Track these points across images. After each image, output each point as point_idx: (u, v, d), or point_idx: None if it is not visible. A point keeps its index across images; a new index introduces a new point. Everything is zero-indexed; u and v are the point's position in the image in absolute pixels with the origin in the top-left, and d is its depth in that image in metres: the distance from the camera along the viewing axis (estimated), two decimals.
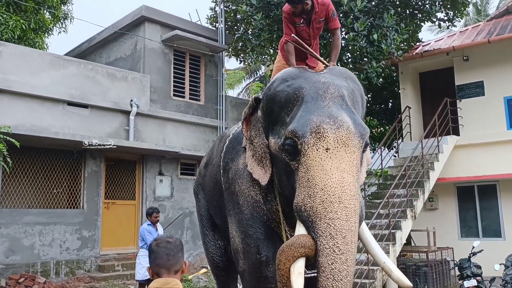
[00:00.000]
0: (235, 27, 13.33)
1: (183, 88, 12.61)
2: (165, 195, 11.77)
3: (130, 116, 11.06)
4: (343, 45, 9.90)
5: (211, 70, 13.27)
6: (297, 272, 2.70)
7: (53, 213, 9.95)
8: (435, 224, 10.77)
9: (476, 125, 11.16)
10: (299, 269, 2.71)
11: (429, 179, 10.17)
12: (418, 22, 11.92)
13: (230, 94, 21.05)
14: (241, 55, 13.86)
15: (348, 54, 10.72)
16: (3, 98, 9.28)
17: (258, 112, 3.37)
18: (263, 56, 12.92)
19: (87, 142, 9.40)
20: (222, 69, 13.48)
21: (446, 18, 12.01)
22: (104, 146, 9.68)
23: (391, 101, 14.88)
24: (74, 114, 10.28)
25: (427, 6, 11.30)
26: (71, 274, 9.72)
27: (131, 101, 11.08)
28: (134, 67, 11.99)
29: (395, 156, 12.46)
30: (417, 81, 12.98)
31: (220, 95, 13.17)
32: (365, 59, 10.55)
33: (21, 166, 9.83)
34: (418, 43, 12.54)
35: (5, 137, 8.04)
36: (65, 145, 9.94)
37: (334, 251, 2.63)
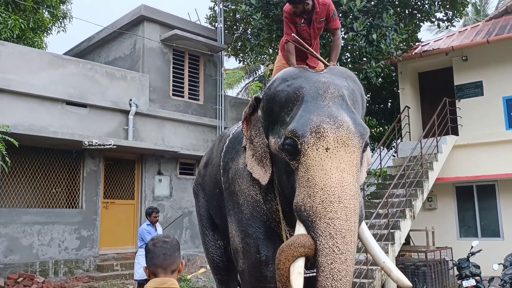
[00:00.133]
0: (234, 26, 13.32)
1: (182, 87, 12.61)
2: (164, 194, 11.76)
3: (129, 116, 11.06)
4: (342, 44, 9.90)
5: (210, 69, 13.26)
6: (297, 272, 2.69)
7: (51, 212, 9.94)
8: (434, 224, 10.78)
9: (475, 125, 11.18)
10: (298, 268, 2.70)
11: (428, 179, 10.18)
12: (417, 22, 11.92)
13: (229, 94, 21.06)
14: (240, 54, 13.86)
15: (347, 54, 10.72)
16: (1, 98, 9.27)
17: (258, 112, 3.37)
18: (262, 56, 12.92)
19: (87, 142, 9.38)
20: (221, 68, 13.47)
21: (445, 18, 12.02)
22: (104, 146, 9.67)
23: (390, 101, 14.89)
24: (73, 113, 10.27)
25: (426, 6, 11.30)
26: (69, 273, 9.71)
27: (130, 100, 11.07)
28: (133, 66, 11.97)
29: (394, 156, 12.48)
30: (416, 81, 12.99)
31: (219, 95, 13.17)
32: (364, 59, 10.56)
33: (20, 166, 9.82)
34: (417, 43, 12.55)
35: (3, 136, 8.02)
36: (64, 144, 9.92)
37: (333, 250, 2.63)
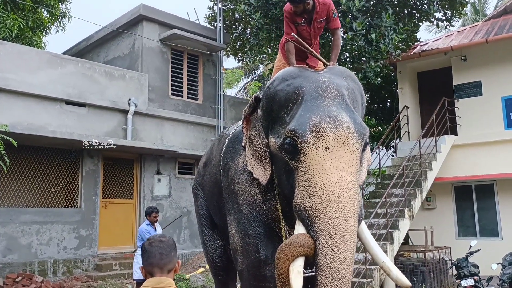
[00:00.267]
0: (234, 26, 13.31)
1: (181, 87, 12.60)
2: (163, 194, 11.76)
3: (128, 115, 11.05)
4: (341, 44, 9.89)
5: (209, 69, 13.26)
6: (296, 271, 2.69)
7: (50, 212, 9.93)
8: (433, 223, 10.80)
9: (474, 124, 11.18)
10: (298, 268, 2.70)
11: (427, 178, 10.18)
12: (416, 22, 11.92)
13: (228, 93, 21.01)
14: (239, 54, 13.85)
15: (346, 53, 10.72)
16: (0, 97, 9.25)
17: (258, 111, 3.37)
18: (261, 55, 12.89)
19: (87, 142, 9.37)
20: (220, 68, 13.46)
21: (444, 18, 12.02)
22: (104, 146, 9.66)
23: (389, 100, 14.90)
24: (72, 113, 10.26)
25: (425, 6, 11.30)
26: (68, 273, 9.71)
27: (129, 100, 11.06)
28: (132, 66, 11.96)
29: (393, 156, 12.48)
30: (415, 80, 13.00)
31: (218, 94, 13.16)
32: (363, 58, 10.56)
33: (19, 165, 9.81)
34: (416, 43, 12.55)
35: (2, 136, 8.00)
36: (63, 144, 9.91)
37: (333, 250, 2.63)
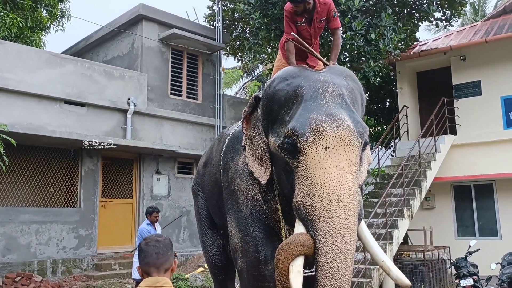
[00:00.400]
0: (233, 26, 13.31)
1: (181, 86, 12.60)
2: (162, 194, 11.75)
3: (127, 115, 11.04)
4: (341, 44, 9.88)
5: (209, 68, 13.25)
6: (296, 271, 2.69)
7: (49, 211, 9.93)
8: (432, 223, 10.79)
9: (473, 124, 11.19)
10: (297, 267, 2.70)
11: (426, 178, 10.18)
12: (416, 22, 11.93)
13: (228, 93, 21.01)
14: (239, 54, 13.85)
15: (346, 53, 10.72)
16: None
17: (258, 111, 3.37)
18: (260, 55, 12.89)
19: (87, 142, 9.36)
20: (219, 68, 13.47)
21: (443, 18, 12.03)
22: (104, 146, 9.65)
23: (388, 100, 14.89)
24: (71, 112, 10.26)
25: (424, 5, 11.31)
26: (67, 273, 9.70)
27: (128, 99, 11.06)
28: (131, 65, 11.96)
29: (392, 155, 12.48)
30: (415, 80, 13.00)
31: (217, 94, 13.16)
32: (362, 58, 10.56)
33: (18, 165, 9.80)
34: (415, 43, 12.55)
35: (1, 135, 7.99)
36: (62, 143, 9.91)
37: (333, 249, 2.63)
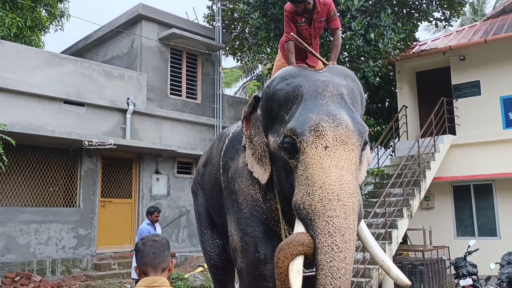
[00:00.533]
0: (232, 25, 13.30)
1: (180, 86, 12.60)
2: (161, 193, 11.75)
3: (126, 115, 11.04)
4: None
5: (208, 68, 13.25)
6: (296, 270, 2.69)
7: (49, 211, 9.92)
8: (431, 223, 10.80)
9: (473, 124, 11.20)
10: (297, 267, 2.71)
11: (426, 178, 10.19)
12: (415, 22, 11.93)
13: (227, 93, 21.02)
14: (238, 53, 13.84)
15: (345, 53, 10.72)
16: None
17: (258, 111, 3.37)
18: (260, 55, 12.90)
19: (87, 142, 9.36)
20: (219, 67, 13.47)
21: (442, 18, 12.04)
22: (104, 146, 9.65)
23: (387, 100, 14.90)
24: (71, 112, 10.25)
25: (424, 5, 11.31)
26: (67, 272, 9.70)
27: (128, 99, 11.06)
28: (130, 65, 11.95)
29: (391, 155, 12.48)
30: (414, 80, 13.00)
31: (217, 94, 13.16)
32: (362, 58, 10.56)
33: (17, 165, 9.79)
34: (415, 43, 12.56)
35: (1, 135, 7.99)
36: (62, 143, 9.91)
37: (332, 249, 2.63)
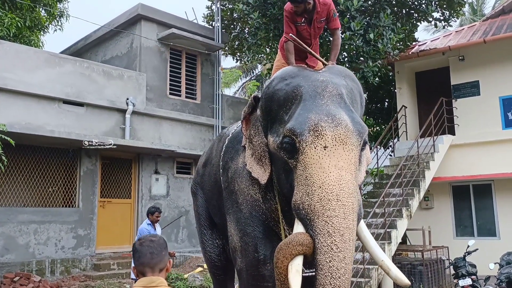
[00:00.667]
0: (232, 25, 13.31)
1: (179, 86, 12.59)
2: (161, 193, 11.75)
3: (126, 115, 11.03)
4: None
5: (208, 68, 13.25)
6: (295, 270, 2.70)
7: (48, 211, 9.91)
8: (431, 223, 10.80)
9: (472, 124, 11.20)
10: (296, 266, 2.71)
11: (425, 178, 10.19)
12: (414, 22, 11.93)
13: (227, 93, 21.03)
14: (238, 53, 13.85)
15: (345, 53, 10.72)
16: None
17: (257, 111, 3.37)
18: (259, 55, 12.90)
19: (87, 142, 9.35)
20: (218, 67, 13.46)
21: (442, 18, 12.04)
22: (104, 146, 9.64)
23: (387, 100, 14.90)
24: (70, 112, 10.25)
25: (423, 5, 11.31)
26: (66, 272, 9.69)
27: (127, 99, 11.05)
28: (130, 65, 11.95)
29: (391, 155, 12.50)
30: (413, 80, 13.01)
31: (216, 94, 13.16)
32: (361, 58, 10.57)
33: (16, 165, 9.78)
34: (414, 43, 12.56)
35: (0, 135, 7.98)
36: (61, 143, 9.90)
37: (332, 249, 2.64)
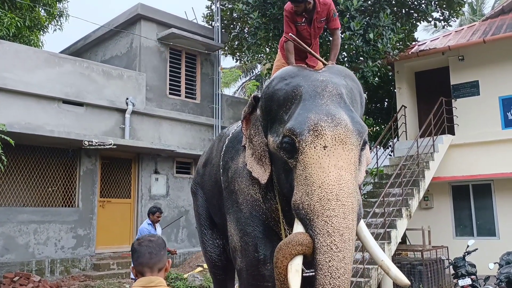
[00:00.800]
0: (231, 25, 13.31)
1: (179, 86, 12.59)
2: (160, 193, 11.74)
3: (125, 115, 11.03)
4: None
5: (207, 68, 13.25)
6: (294, 270, 2.71)
7: (48, 211, 9.91)
8: (430, 223, 10.81)
9: (471, 124, 11.20)
10: (296, 266, 2.72)
11: (424, 178, 10.20)
12: (414, 22, 11.94)
13: (226, 93, 21.01)
14: (237, 53, 13.85)
15: (344, 53, 10.73)
16: None
17: (257, 111, 3.37)
18: (259, 55, 12.91)
19: (87, 142, 9.34)
20: (218, 67, 13.46)
21: (441, 18, 12.05)
22: (104, 146, 9.64)
23: (386, 100, 14.90)
24: (70, 112, 10.24)
25: (423, 5, 11.32)
26: (66, 272, 9.68)
27: (127, 99, 11.04)
28: (129, 65, 11.94)
29: (390, 155, 12.50)
30: (413, 80, 13.01)
31: (216, 94, 13.16)
32: (361, 58, 10.57)
33: (16, 164, 9.78)
34: (414, 43, 12.57)
35: (0, 135, 7.98)
36: (61, 143, 9.89)
37: (331, 248, 2.64)
